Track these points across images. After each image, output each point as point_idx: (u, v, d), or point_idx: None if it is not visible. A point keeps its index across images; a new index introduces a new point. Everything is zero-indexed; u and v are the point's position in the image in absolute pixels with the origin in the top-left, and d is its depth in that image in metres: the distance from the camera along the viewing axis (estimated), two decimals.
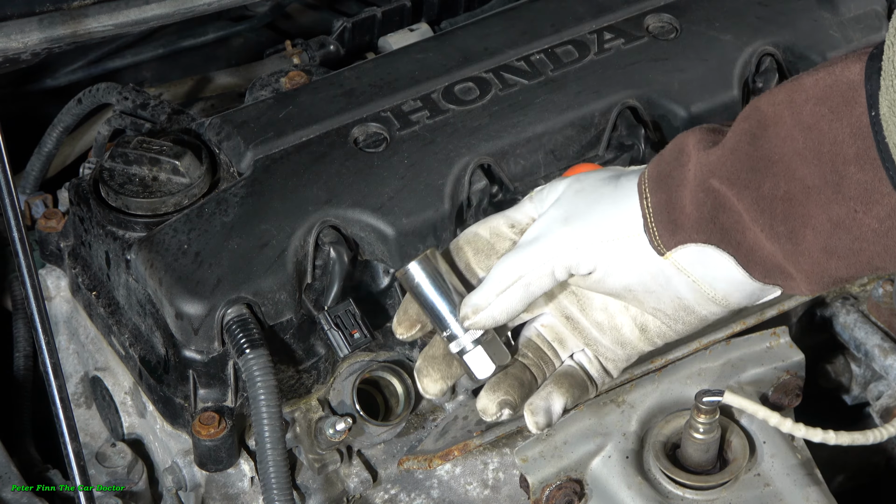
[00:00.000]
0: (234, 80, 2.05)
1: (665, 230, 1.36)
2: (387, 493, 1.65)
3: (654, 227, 1.36)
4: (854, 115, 1.21)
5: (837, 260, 1.29)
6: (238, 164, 1.64)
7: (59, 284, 1.75)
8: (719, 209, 1.32)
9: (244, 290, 1.53)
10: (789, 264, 1.32)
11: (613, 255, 1.38)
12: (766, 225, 1.30)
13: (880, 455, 1.95)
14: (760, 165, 1.29)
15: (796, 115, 1.26)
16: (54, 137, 1.91)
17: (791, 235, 1.29)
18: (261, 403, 1.46)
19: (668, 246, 1.36)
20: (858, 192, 1.23)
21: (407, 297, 1.46)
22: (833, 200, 1.25)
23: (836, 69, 1.24)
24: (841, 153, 1.23)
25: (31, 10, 1.74)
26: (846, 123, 1.22)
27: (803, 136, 1.25)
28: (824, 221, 1.26)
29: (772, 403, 1.68)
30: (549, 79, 1.72)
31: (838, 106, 1.23)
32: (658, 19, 1.79)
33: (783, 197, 1.28)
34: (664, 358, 1.65)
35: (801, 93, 1.26)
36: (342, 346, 1.53)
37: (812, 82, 1.25)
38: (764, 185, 1.29)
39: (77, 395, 1.78)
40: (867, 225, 1.25)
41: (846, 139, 1.22)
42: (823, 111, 1.24)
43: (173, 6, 1.82)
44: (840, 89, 1.23)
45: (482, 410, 1.44)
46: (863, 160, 1.22)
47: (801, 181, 1.26)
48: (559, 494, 1.59)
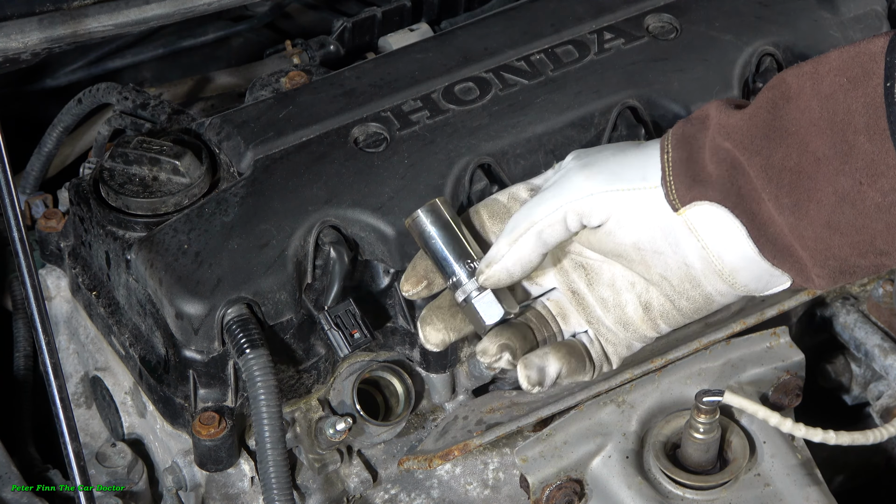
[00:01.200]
0: (234, 80, 2.05)
1: (682, 184, 1.36)
2: (387, 493, 1.65)
3: (671, 179, 1.36)
4: (870, 86, 1.22)
5: (840, 236, 1.29)
6: (238, 164, 1.64)
7: (59, 284, 1.75)
8: (737, 173, 1.33)
9: (244, 290, 1.53)
10: (794, 240, 1.32)
11: (627, 204, 1.38)
12: (773, 195, 1.30)
13: (880, 455, 1.95)
14: (775, 134, 1.29)
15: (817, 85, 1.27)
16: (54, 137, 1.91)
17: (795, 208, 1.29)
18: (261, 403, 1.46)
19: (683, 201, 1.36)
20: (865, 163, 1.23)
21: (418, 254, 1.48)
22: (840, 172, 1.25)
23: (862, 43, 1.25)
24: (852, 122, 1.23)
25: (31, 10, 1.74)
26: (861, 93, 1.23)
27: (820, 105, 1.26)
28: (830, 194, 1.26)
29: (772, 403, 1.68)
30: (549, 79, 1.72)
31: (857, 76, 1.24)
32: (658, 19, 1.79)
33: (793, 168, 1.28)
34: (664, 358, 1.65)
35: (825, 64, 1.27)
36: (342, 346, 1.53)
37: (837, 55, 1.27)
38: (775, 153, 1.29)
39: (77, 395, 1.78)
40: (871, 198, 1.25)
41: (859, 108, 1.23)
42: (842, 81, 1.25)
43: (173, 6, 1.82)
44: (861, 60, 1.24)
45: (482, 351, 1.45)
46: (872, 130, 1.22)
47: (813, 153, 1.27)
48: (559, 494, 1.60)
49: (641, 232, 1.39)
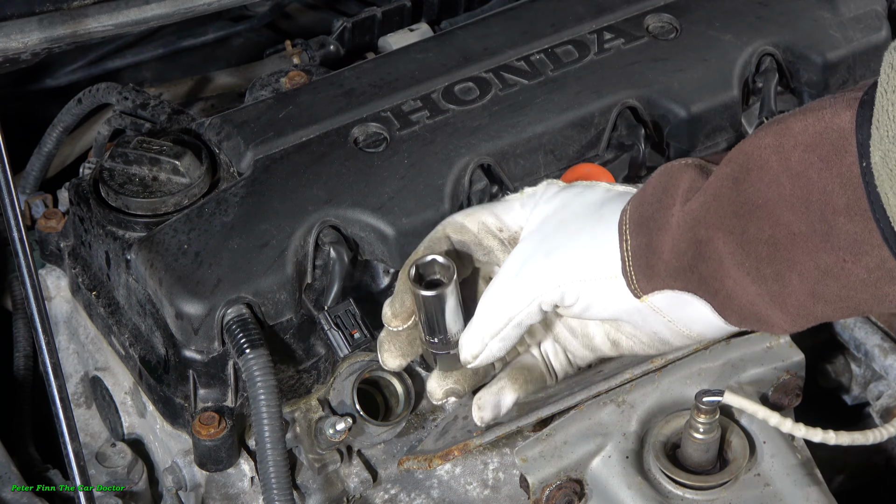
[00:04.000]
0: (234, 80, 2.05)
1: (643, 275, 1.37)
2: (387, 493, 1.65)
3: (632, 271, 1.37)
4: (844, 165, 1.20)
5: (825, 304, 1.30)
6: (238, 164, 1.64)
7: (59, 284, 1.75)
8: (699, 259, 1.33)
9: (244, 290, 1.53)
10: (774, 306, 1.33)
11: (593, 293, 1.41)
12: (752, 268, 1.30)
13: (880, 455, 1.95)
14: (744, 210, 1.28)
15: (784, 161, 1.24)
16: (54, 137, 1.91)
17: (777, 278, 1.29)
18: (261, 403, 1.46)
19: (644, 290, 1.38)
20: (847, 242, 1.22)
21: (402, 289, 1.47)
22: (821, 249, 1.24)
23: (826, 115, 1.22)
24: (830, 203, 1.22)
25: (31, 10, 1.74)
26: (836, 173, 1.21)
27: (791, 182, 1.24)
28: (812, 268, 1.26)
29: (772, 403, 1.68)
30: (549, 79, 1.72)
31: (828, 154, 1.21)
32: (658, 19, 1.79)
33: (767, 241, 1.27)
34: (664, 358, 1.65)
35: (790, 138, 1.24)
36: (342, 346, 1.53)
37: (801, 128, 1.24)
38: (749, 229, 1.28)
39: (77, 395, 1.78)
40: (856, 275, 1.24)
41: (836, 189, 1.21)
42: (813, 159, 1.22)
43: (173, 6, 1.82)
44: (830, 137, 1.21)
45: (430, 392, 1.50)
46: (853, 211, 1.21)
47: (787, 227, 1.25)
48: (559, 494, 1.59)
49: (609, 313, 1.43)
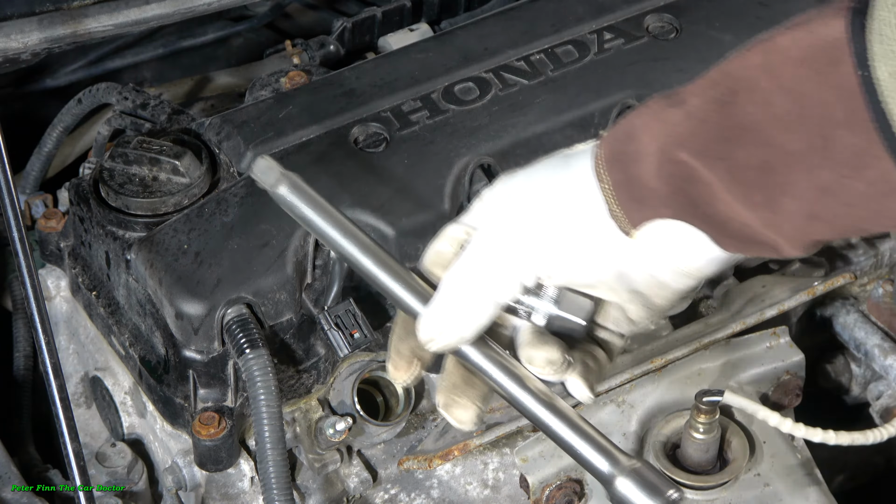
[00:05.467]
0: (234, 80, 2.05)
1: (630, 207, 1.30)
2: (387, 493, 1.65)
3: (617, 207, 1.30)
4: (841, 76, 1.16)
5: (822, 224, 1.24)
6: (238, 164, 1.64)
7: (59, 284, 1.75)
8: (687, 181, 1.27)
9: (244, 290, 1.53)
10: (769, 232, 1.27)
11: (581, 246, 1.32)
12: (741, 195, 1.24)
13: (880, 455, 1.95)
14: (733, 134, 1.23)
15: (775, 79, 1.20)
16: (54, 137, 1.91)
17: (769, 203, 1.24)
18: (261, 403, 1.46)
19: (635, 223, 1.30)
20: (847, 155, 1.18)
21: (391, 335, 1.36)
22: (819, 166, 1.19)
23: (815, 27, 1.18)
24: (828, 116, 1.17)
25: (31, 10, 1.74)
26: (833, 84, 1.17)
27: (784, 100, 1.20)
28: (808, 188, 1.21)
29: (772, 403, 1.68)
30: (549, 79, 1.72)
31: (822, 67, 1.17)
32: (658, 19, 1.79)
33: (759, 166, 1.23)
34: (664, 358, 1.65)
35: (778, 55, 1.21)
36: (342, 346, 1.53)
37: (789, 43, 1.20)
38: (738, 154, 1.23)
39: (77, 395, 1.78)
40: (856, 189, 1.19)
41: (833, 101, 1.17)
42: (806, 73, 1.18)
43: (173, 6, 1.82)
44: (823, 49, 1.17)
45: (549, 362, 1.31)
46: (853, 122, 1.16)
47: (780, 148, 1.21)
48: (559, 494, 1.60)
49: (601, 268, 1.33)
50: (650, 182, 1.28)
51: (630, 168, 1.29)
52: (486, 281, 1.30)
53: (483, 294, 1.30)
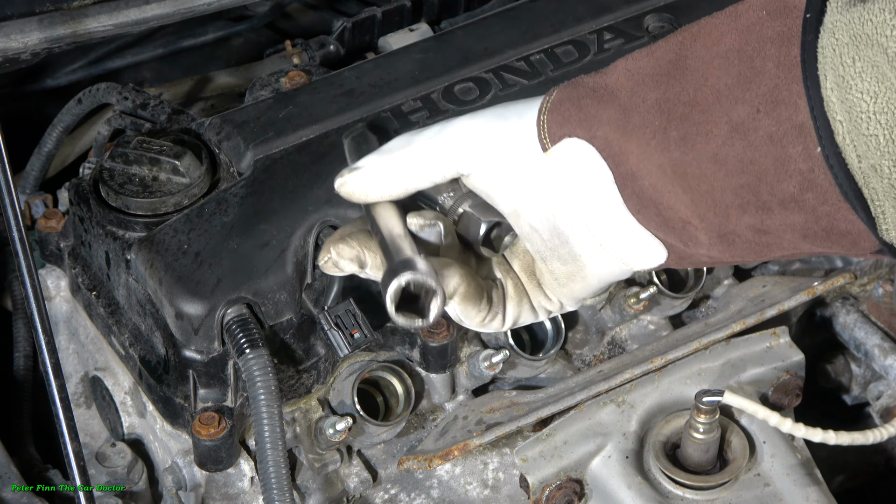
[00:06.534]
0: (234, 80, 2.05)
1: (555, 122, 1.34)
2: (387, 493, 1.65)
3: (545, 117, 1.35)
4: (790, 17, 1.21)
5: (725, 175, 1.24)
6: (238, 164, 1.64)
7: (59, 284, 1.75)
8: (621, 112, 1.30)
9: (244, 290, 1.53)
10: (676, 178, 1.27)
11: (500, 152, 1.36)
12: (661, 128, 1.27)
13: (880, 455, 1.95)
14: (676, 71, 1.27)
15: (735, 21, 1.25)
16: (54, 137, 1.91)
17: (682, 141, 1.26)
18: (261, 403, 1.46)
19: (553, 139, 1.34)
20: (768, 88, 1.21)
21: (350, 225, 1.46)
22: (739, 100, 1.22)
23: None
24: (763, 50, 1.21)
25: (31, 10, 1.74)
26: (779, 24, 1.21)
27: (735, 38, 1.24)
28: (722, 125, 1.23)
29: (772, 403, 1.68)
30: (549, 79, 1.72)
31: (777, 9, 1.22)
32: (658, 19, 1.79)
33: (688, 102, 1.26)
34: (664, 358, 1.65)
35: (746, 2, 1.25)
36: (342, 346, 1.53)
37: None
38: (672, 88, 1.27)
39: (77, 395, 1.78)
40: (765, 128, 1.21)
41: (773, 37, 1.21)
42: (761, 14, 1.23)
43: (173, 6, 1.82)
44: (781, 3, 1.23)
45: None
46: (782, 57, 1.20)
47: (713, 87, 1.24)
48: (559, 494, 1.60)
49: (513, 179, 1.36)
50: (583, 103, 1.32)
51: (575, 90, 1.34)
52: (410, 155, 1.39)
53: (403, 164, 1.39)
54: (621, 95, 1.30)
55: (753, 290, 1.75)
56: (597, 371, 1.66)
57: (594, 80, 1.35)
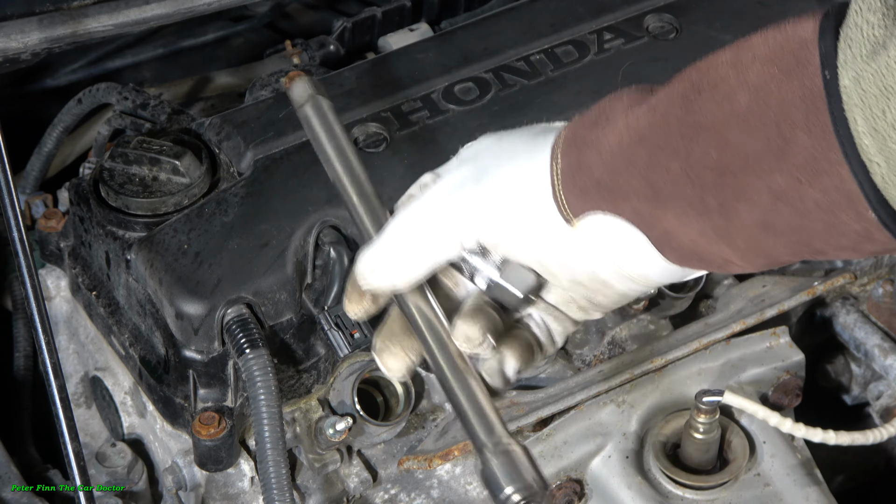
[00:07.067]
0: (234, 80, 2.05)
1: (573, 195, 1.26)
2: (387, 493, 1.65)
3: (561, 191, 1.26)
4: (806, 76, 1.13)
5: (775, 237, 1.20)
6: (238, 164, 1.64)
7: (59, 284, 1.75)
8: (638, 179, 1.23)
9: (244, 290, 1.53)
10: (721, 243, 1.23)
11: (523, 225, 1.29)
12: (697, 198, 1.21)
13: (880, 455, 1.95)
14: (692, 132, 1.19)
15: (741, 75, 1.17)
16: (54, 137, 1.91)
17: (723, 210, 1.20)
18: (261, 403, 1.46)
19: (575, 212, 1.26)
20: (805, 159, 1.14)
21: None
22: (775, 169, 1.16)
23: (788, 27, 1.15)
24: (789, 116, 1.14)
25: (31, 10, 1.74)
26: (797, 85, 1.14)
27: (748, 97, 1.16)
28: (763, 192, 1.17)
29: (772, 403, 1.68)
30: (549, 79, 1.72)
31: (789, 66, 1.14)
32: (658, 19, 1.79)
33: (714, 166, 1.19)
34: (664, 358, 1.65)
35: (748, 52, 1.17)
36: (342, 346, 1.53)
37: (760, 41, 1.17)
38: (694, 151, 1.19)
39: (77, 395, 1.78)
40: (811, 198, 1.16)
41: (795, 101, 1.14)
42: (772, 71, 1.15)
43: (173, 6, 1.82)
44: (791, 48, 1.15)
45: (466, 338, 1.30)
46: (812, 124, 1.13)
47: (738, 148, 1.17)
48: (559, 494, 1.60)
49: (542, 250, 1.30)
50: (598, 173, 1.24)
51: (583, 154, 1.25)
52: (428, 234, 1.29)
53: (422, 246, 1.29)
54: (639, 165, 1.23)
55: (753, 290, 1.75)
56: (597, 371, 1.66)
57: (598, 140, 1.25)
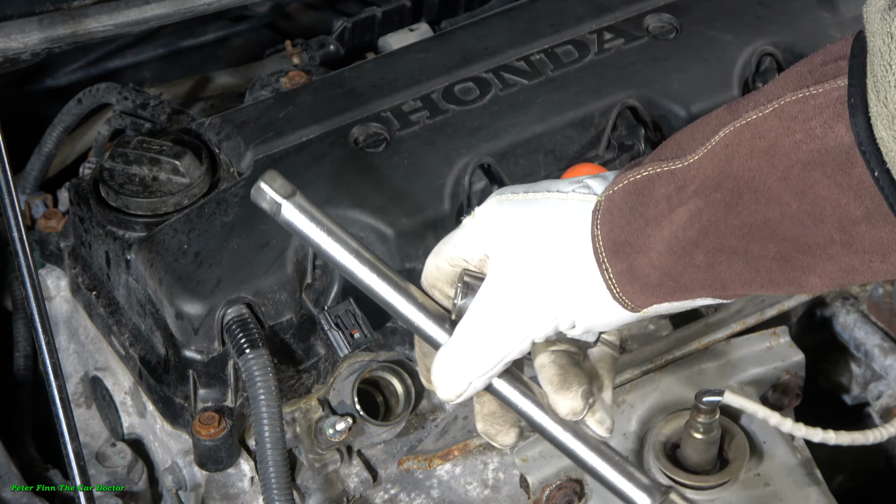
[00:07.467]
0: (234, 80, 2.05)
1: (635, 296, 1.31)
2: (387, 493, 1.65)
3: (621, 296, 1.31)
4: (854, 177, 1.18)
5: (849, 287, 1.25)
6: (238, 164, 1.64)
7: (59, 284, 1.75)
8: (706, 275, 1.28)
9: (244, 290, 1.53)
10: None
11: (589, 316, 1.33)
12: (766, 281, 1.27)
13: (880, 455, 1.95)
14: (744, 232, 1.25)
15: (783, 181, 1.21)
16: (54, 137, 1.91)
17: (793, 283, 1.26)
18: (261, 403, 1.46)
19: (641, 306, 1.32)
20: (874, 246, 1.20)
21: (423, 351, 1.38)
22: (843, 255, 1.22)
23: (816, 128, 1.19)
24: (847, 215, 1.19)
25: (31, 10, 1.74)
26: (846, 186, 1.19)
27: (797, 201, 1.21)
28: (834, 270, 1.23)
29: (772, 403, 1.68)
30: (549, 79, 1.72)
31: (833, 171, 1.19)
32: (658, 19, 1.79)
33: (776, 257, 1.25)
34: (664, 358, 1.65)
35: (783, 158, 1.21)
36: (342, 346, 1.53)
37: (792, 146, 1.21)
38: (753, 249, 1.25)
39: (77, 395, 1.78)
40: (885, 270, 1.22)
41: (850, 201, 1.19)
42: (816, 176, 1.20)
43: (173, 6, 1.82)
44: (831, 154, 1.19)
45: (573, 412, 1.33)
46: (874, 218, 1.18)
47: (797, 241, 1.23)
48: (559, 494, 1.60)
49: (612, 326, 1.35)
50: (655, 277, 1.29)
51: (634, 262, 1.29)
52: (498, 340, 1.31)
53: (495, 351, 1.31)
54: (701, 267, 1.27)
55: None
56: None
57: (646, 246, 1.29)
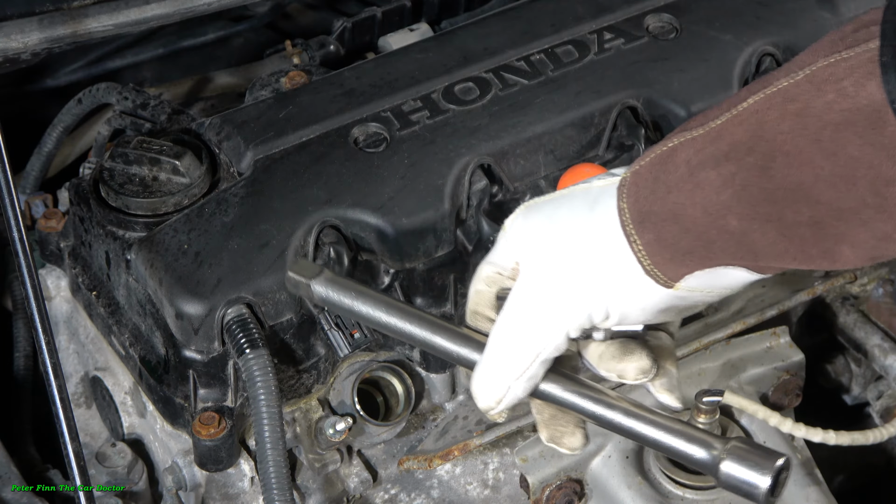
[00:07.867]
0: (234, 80, 2.05)
1: (667, 267, 1.30)
2: (387, 493, 1.65)
3: (652, 268, 1.30)
4: (886, 136, 1.18)
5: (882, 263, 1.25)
6: (238, 164, 1.64)
7: (59, 284, 1.75)
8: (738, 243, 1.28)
9: (244, 290, 1.53)
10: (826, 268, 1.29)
11: (623, 302, 1.32)
12: (798, 251, 1.26)
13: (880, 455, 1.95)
14: (778, 196, 1.24)
15: (815, 143, 1.21)
16: (54, 137, 1.91)
17: (826, 254, 1.26)
18: (261, 403, 1.46)
19: (673, 278, 1.31)
20: None
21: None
22: (876, 219, 1.21)
23: (848, 88, 1.19)
24: (880, 175, 1.19)
25: (31, 10, 1.74)
26: (879, 146, 1.19)
27: (829, 162, 1.21)
28: (867, 238, 1.23)
29: (772, 403, 1.68)
30: (549, 79, 1.72)
31: (864, 130, 1.19)
32: (658, 19, 1.79)
33: (809, 223, 1.24)
34: None
35: (814, 119, 1.22)
36: (342, 346, 1.53)
37: (823, 106, 1.21)
38: (786, 214, 1.25)
39: (77, 395, 1.78)
40: None
41: (883, 161, 1.18)
42: (848, 136, 1.20)
43: (173, 6, 1.82)
44: (863, 113, 1.19)
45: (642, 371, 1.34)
46: None
47: (830, 204, 1.23)
48: (559, 494, 1.60)
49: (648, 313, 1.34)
50: (686, 244, 1.28)
51: (662, 231, 1.29)
52: (529, 337, 1.31)
53: (528, 348, 1.31)
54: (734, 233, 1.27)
55: (753, 290, 1.75)
56: None
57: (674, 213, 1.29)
